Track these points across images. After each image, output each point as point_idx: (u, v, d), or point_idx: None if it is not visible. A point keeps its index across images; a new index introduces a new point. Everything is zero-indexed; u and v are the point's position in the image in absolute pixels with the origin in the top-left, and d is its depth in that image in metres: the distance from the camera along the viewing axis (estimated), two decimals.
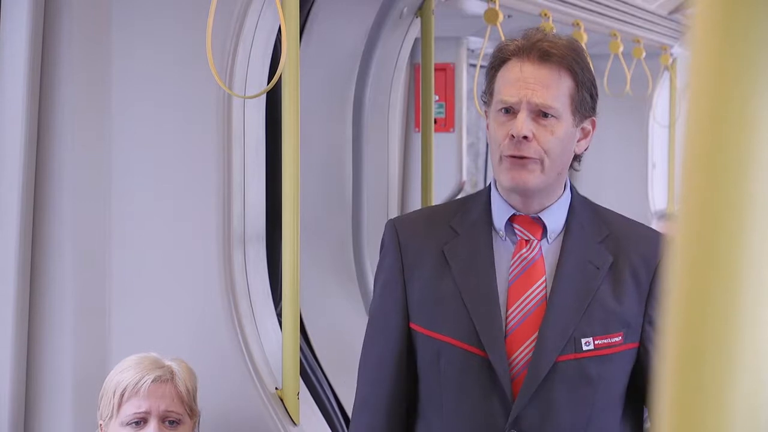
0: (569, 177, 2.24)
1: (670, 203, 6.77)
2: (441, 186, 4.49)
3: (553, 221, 2.18)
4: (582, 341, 2.12)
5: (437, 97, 4.86)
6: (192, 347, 2.89)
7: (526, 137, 2.08)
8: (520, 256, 2.17)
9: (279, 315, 3.11)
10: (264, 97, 3.08)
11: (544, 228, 2.18)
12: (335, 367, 3.68)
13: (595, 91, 2.18)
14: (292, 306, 2.83)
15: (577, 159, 2.21)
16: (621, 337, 2.13)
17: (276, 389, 2.92)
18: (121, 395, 2.53)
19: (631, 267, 2.16)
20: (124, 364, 2.60)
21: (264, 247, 3.13)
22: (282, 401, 2.91)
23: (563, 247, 2.17)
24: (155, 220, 2.98)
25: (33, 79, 2.87)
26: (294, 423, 2.91)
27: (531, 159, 2.10)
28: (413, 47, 4.18)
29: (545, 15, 4.49)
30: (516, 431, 2.11)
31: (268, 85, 2.82)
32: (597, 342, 2.13)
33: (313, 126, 3.66)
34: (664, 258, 2.15)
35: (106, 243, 2.98)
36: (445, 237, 2.21)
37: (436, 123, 4.22)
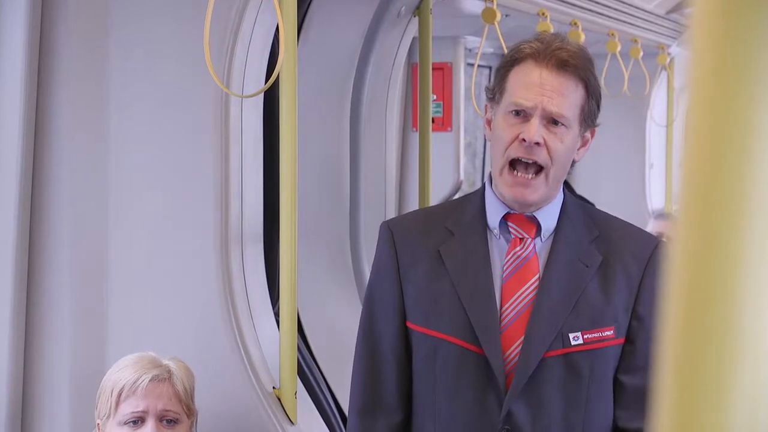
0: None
1: (667, 202, 6.78)
2: (438, 185, 4.48)
3: (547, 220, 2.20)
4: (570, 336, 2.13)
5: (435, 97, 4.86)
6: (190, 346, 2.88)
7: (537, 143, 2.10)
8: (514, 254, 2.19)
9: (276, 314, 3.11)
10: (261, 96, 3.08)
11: (538, 226, 2.20)
12: (332, 367, 3.68)
13: (600, 102, 2.20)
14: (289, 305, 2.82)
15: (572, 165, 2.23)
16: (612, 331, 2.15)
17: (273, 388, 2.92)
18: (119, 394, 2.52)
19: (623, 265, 2.18)
20: (121, 363, 2.60)
21: (261, 247, 3.13)
22: (279, 400, 2.90)
23: (553, 246, 2.19)
24: (152, 219, 2.98)
25: (30, 79, 2.87)
26: (291, 422, 2.90)
27: (534, 178, 2.13)
28: (411, 46, 4.17)
29: (543, 14, 4.48)
30: (509, 427, 2.13)
31: (265, 85, 2.82)
32: (586, 336, 2.14)
33: (311, 125, 3.65)
34: (655, 257, 2.17)
35: (103, 242, 2.98)
36: (441, 238, 2.22)
37: (433, 122, 4.21)
